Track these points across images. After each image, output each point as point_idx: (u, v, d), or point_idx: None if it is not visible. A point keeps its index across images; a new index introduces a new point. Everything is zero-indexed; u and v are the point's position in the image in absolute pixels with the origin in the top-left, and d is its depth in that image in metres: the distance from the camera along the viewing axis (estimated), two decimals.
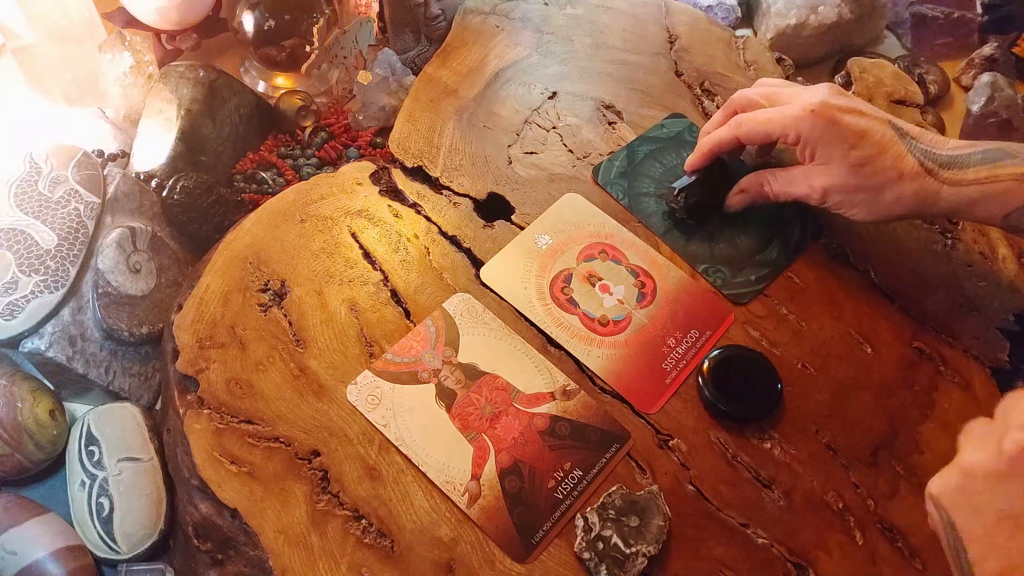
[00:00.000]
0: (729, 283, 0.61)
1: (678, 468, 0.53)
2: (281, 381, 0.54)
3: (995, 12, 0.90)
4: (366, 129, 0.76)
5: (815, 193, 0.58)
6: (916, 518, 0.53)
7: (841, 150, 0.56)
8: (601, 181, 0.65)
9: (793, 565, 0.51)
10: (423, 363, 0.55)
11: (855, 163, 0.56)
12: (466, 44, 0.74)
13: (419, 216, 0.63)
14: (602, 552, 0.48)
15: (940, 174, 0.55)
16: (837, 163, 0.57)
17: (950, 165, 0.55)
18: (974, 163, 0.54)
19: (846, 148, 0.56)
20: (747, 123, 0.61)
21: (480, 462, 0.52)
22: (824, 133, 0.56)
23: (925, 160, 0.55)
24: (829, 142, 0.57)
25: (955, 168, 0.55)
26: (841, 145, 0.56)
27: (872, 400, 0.58)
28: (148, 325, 0.60)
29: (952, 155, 0.55)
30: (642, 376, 0.56)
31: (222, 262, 0.58)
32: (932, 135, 0.57)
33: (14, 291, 0.56)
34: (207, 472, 0.50)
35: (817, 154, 0.58)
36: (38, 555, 0.51)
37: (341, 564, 0.48)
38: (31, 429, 0.56)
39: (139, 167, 0.68)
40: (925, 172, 0.55)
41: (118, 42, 0.73)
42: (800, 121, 0.57)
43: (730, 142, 0.62)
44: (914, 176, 0.55)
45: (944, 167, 0.55)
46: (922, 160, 0.55)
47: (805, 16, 0.85)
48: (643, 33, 0.76)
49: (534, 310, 0.58)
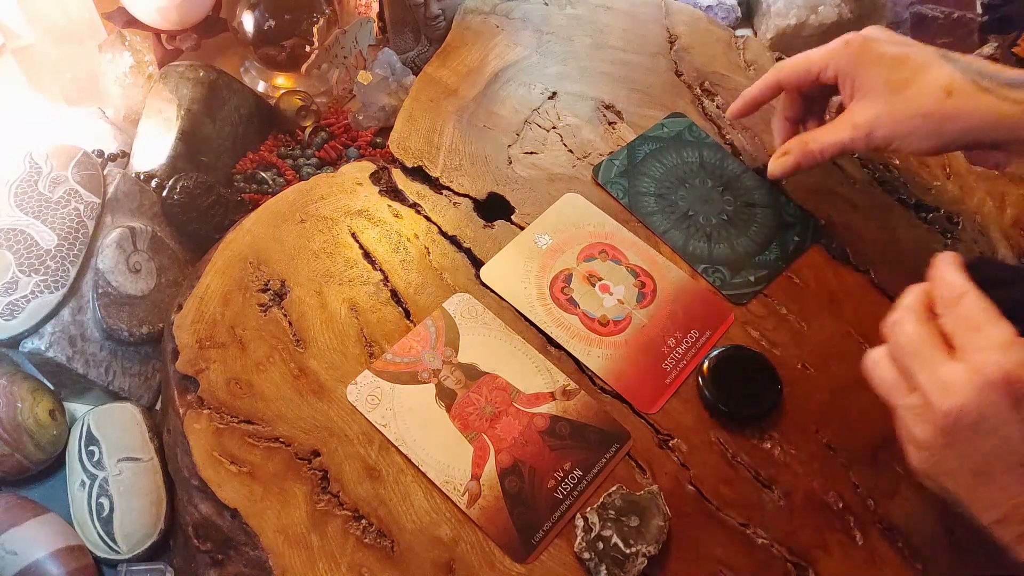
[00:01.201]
0: (728, 283, 0.61)
1: (678, 468, 0.53)
2: (281, 381, 0.54)
3: (995, 12, 0.89)
4: (366, 129, 0.76)
5: (860, 131, 0.54)
6: (916, 518, 0.53)
7: (880, 76, 0.53)
8: (601, 180, 0.65)
9: (793, 565, 0.51)
10: (423, 363, 0.55)
11: (896, 87, 0.53)
12: (466, 44, 0.74)
13: (419, 216, 0.63)
14: (602, 552, 0.48)
15: (1000, 92, 0.50)
16: (877, 91, 0.53)
17: (1015, 85, 0.50)
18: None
19: (884, 73, 0.53)
20: (787, 64, 0.59)
21: (480, 462, 0.52)
22: (860, 61, 0.54)
23: (980, 79, 0.51)
24: (866, 69, 0.54)
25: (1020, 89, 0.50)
26: (879, 70, 0.53)
27: (872, 400, 0.57)
28: (148, 325, 0.60)
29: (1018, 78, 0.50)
30: (642, 376, 0.56)
31: (222, 262, 0.58)
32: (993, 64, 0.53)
33: (14, 291, 0.56)
34: (207, 472, 0.50)
35: (856, 86, 0.55)
36: (38, 555, 0.51)
37: (341, 564, 0.48)
38: (31, 429, 0.56)
39: (139, 167, 0.68)
40: (981, 90, 0.51)
41: (118, 42, 0.73)
42: (836, 54, 0.56)
43: (772, 87, 0.61)
44: (969, 93, 0.51)
45: (1007, 86, 0.50)
46: (976, 79, 0.51)
47: (805, 16, 0.85)
48: (643, 33, 0.76)
49: (534, 310, 0.58)
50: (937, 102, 0.51)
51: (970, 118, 0.51)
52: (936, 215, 0.67)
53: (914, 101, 0.52)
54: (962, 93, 0.51)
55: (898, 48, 0.54)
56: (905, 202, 0.68)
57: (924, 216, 0.67)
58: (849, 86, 0.55)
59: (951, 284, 0.45)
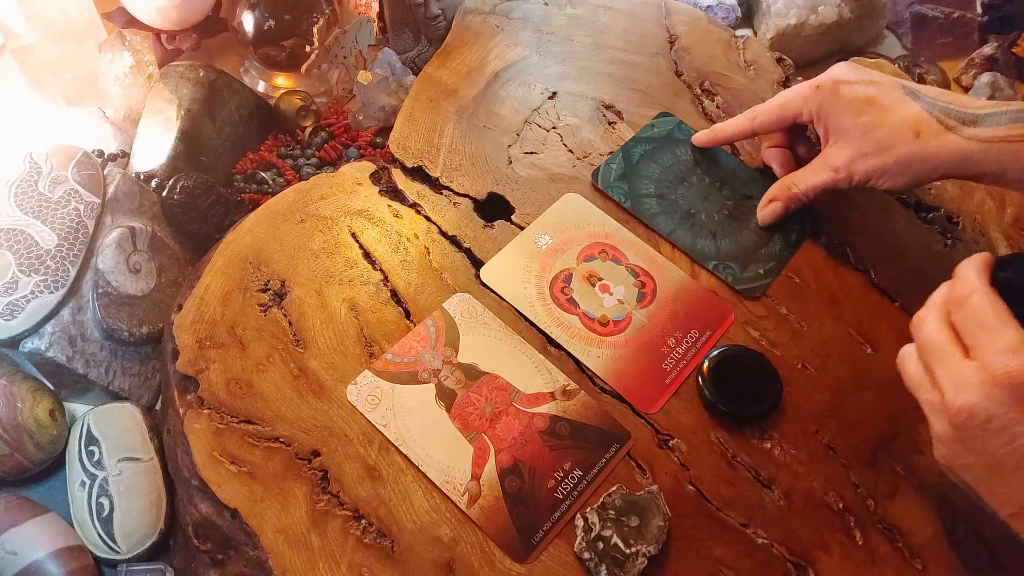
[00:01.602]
0: (739, 278, 0.61)
1: (678, 468, 0.53)
2: (281, 381, 0.54)
3: (995, 12, 0.89)
4: (366, 129, 0.76)
5: (840, 172, 0.57)
6: (916, 518, 0.53)
7: (850, 119, 0.55)
8: (601, 185, 0.65)
9: (793, 565, 0.51)
10: (423, 363, 0.55)
11: (865, 129, 0.55)
12: (466, 44, 0.74)
13: (419, 216, 0.63)
14: (602, 552, 0.48)
15: (963, 131, 0.52)
16: (849, 134, 0.56)
17: (975, 122, 0.52)
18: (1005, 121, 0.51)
19: (853, 116, 0.55)
20: (759, 112, 0.61)
21: (480, 462, 0.52)
22: (831, 105, 0.56)
23: (945, 117, 0.53)
24: (837, 113, 0.56)
25: (980, 125, 0.52)
26: (848, 113, 0.55)
27: (872, 400, 0.57)
28: (148, 325, 0.60)
29: (977, 113, 0.52)
30: (642, 376, 0.56)
31: (222, 262, 0.58)
32: (956, 96, 0.55)
33: (14, 291, 0.56)
34: (207, 472, 0.50)
35: (830, 129, 0.57)
36: (38, 555, 0.51)
37: (341, 564, 0.48)
38: (31, 429, 0.56)
39: (139, 167, 0.68)
40: (946, 129, 0.52)
41: (118, 42, 0.73)
42: (807, 99, 0.57)
43: (745, 132, 0.62)
44: (934, 133, 0.53)
45: (968, 124, 0.52)
46: (941, 118, 0.53)
47: (805, 16, 0.85)
48: (643, 33, 0.76)
49: (534, 310, 0.58)
50: (906, 145, 0.54)
51: (938, 157, 0.53)
52: (936, 215, 0.67)
53: (884, 143, 0.54)
54: (928, 134, 0.53)
55: (865, 89, 0.56)
56: (905, 202, 0.68)
57: (924, 216, 0.67)
58: (823, 129, 0.58)
59: (963, 282, 0.46)
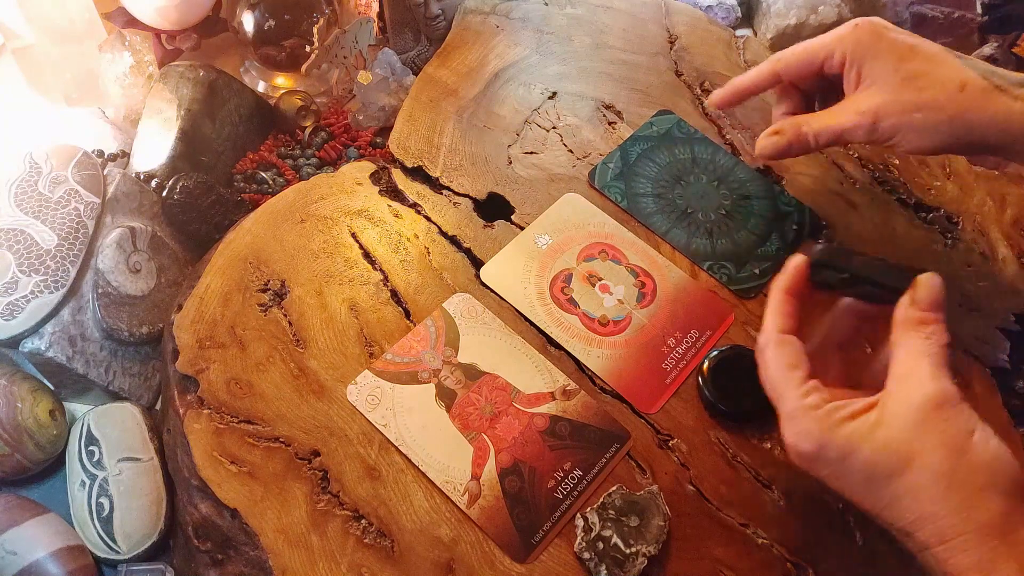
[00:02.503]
0: (735, 278, 0.61)
1: (678, 468, 0.53)
2: (281, 381, 0.54)
3: (995, 12, 0.89)
4: (366, 129, 0.76)
5: (864, 118, 0.51)
6: None
7: (891, 63, 0.50)
8: (598, 185, 0.65)
9: (793, 565, 0.51)
10: (423, 363, 0.55)
11: (908, 76, 0.50)
12: (466, 44, 0.74)
13: (419, 216, 0.63)
14: (602, 552, 0.48)
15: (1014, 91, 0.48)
16: (887, 79, 0.50)
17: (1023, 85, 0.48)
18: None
19: (896, 61, 0.50)
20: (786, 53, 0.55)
21: (480, 462, 0.52)
22: (871, 46, 0.51)
23: (993, 77, 0.49)
24: (876, 56, 0.50)
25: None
26: (890, 57, 0.50)
27: None
28: (148, 325, 0.60)
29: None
30: (642, 376, 0.56)
31: (222, 262, 0.58)
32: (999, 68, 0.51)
33: (14, 291, 0.56)
34: (207, 472, 0.50)
35: (864, 72, 0.51)
36: (38, 555, 0.51)
37: (341, 564, 0.48)
38: (31, 429, 0.56)
39: (139, 167, 0.68)
40: (995, 88, 0.48)
41: (118, 42, 0.73)
42: (843, 38, 0.52)
43: (768, 77, 0.56)
44: (982, 89, 0.48)
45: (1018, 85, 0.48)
46: (990, 77, 0.49)
47: (805, 16, 0.85)
48: (643, 33, 0.76)
49: (534, 310, 0.58)
50: (950, 95, 0.49)
51: (981, 114, 0.48)
52: (936, 215, 0.67)
53: (926, 92, 0.49)
54: (975, 89, 0.49)
55: (909, 38, 0.51)
56: (905, 202, 0.68)
57: (924, 216, 0.67)
58: (856, 73, 0.52)
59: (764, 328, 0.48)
